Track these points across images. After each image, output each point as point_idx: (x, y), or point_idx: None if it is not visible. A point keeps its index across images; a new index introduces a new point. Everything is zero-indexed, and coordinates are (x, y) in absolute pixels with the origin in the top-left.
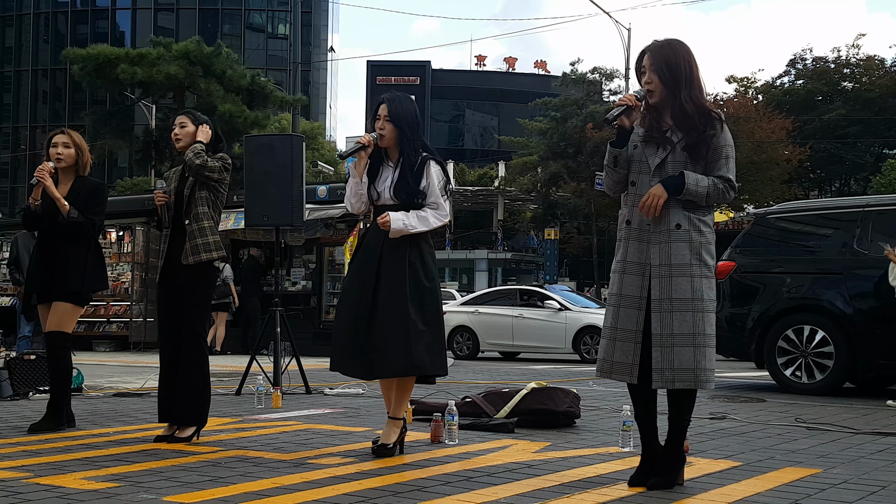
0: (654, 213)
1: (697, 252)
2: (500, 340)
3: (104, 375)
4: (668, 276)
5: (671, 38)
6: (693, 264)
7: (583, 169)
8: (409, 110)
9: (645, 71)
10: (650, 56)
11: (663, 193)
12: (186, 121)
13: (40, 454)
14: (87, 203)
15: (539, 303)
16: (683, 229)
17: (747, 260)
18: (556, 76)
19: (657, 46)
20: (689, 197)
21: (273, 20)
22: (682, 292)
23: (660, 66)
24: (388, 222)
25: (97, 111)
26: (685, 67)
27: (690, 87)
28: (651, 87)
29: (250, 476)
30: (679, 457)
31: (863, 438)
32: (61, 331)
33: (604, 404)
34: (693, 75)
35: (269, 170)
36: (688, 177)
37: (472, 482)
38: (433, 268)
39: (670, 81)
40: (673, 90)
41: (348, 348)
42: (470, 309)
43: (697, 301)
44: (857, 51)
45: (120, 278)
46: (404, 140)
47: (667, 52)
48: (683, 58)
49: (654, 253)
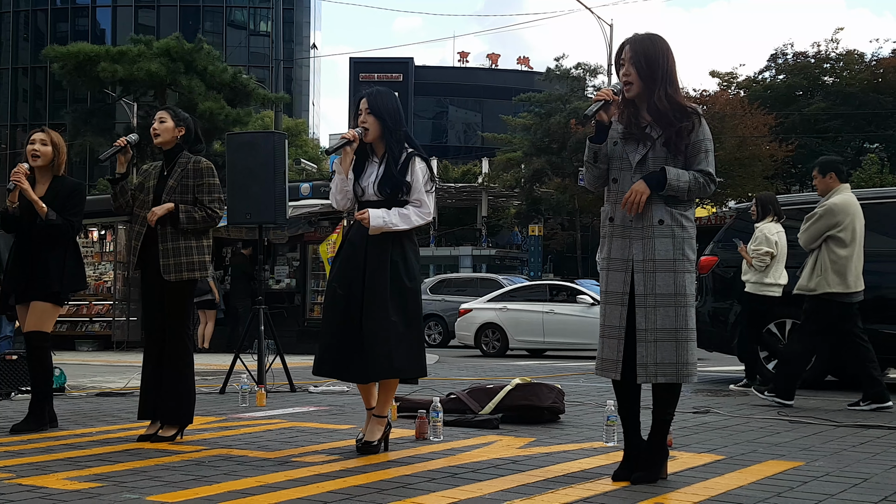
0: (637, 210)
1: (681, 247)
2: (530, 337)
3: (87, 375)
4: (651, 271)
5: (652, 32)
6: (676, 259)
7: (566, 165)
8: (390, 102)
9: (624, 63)
10: (630, 48)
11: (645, 189)
12: (166, 116)
13: (23, 454)
14: (65, 204)
15: (570, 298)
16: (666, 225)
17: (729, 255)
18: (539, 72)
19: (638, 39)
20: (670, 192)
21: (255, 17)
22: (665, 287)
23: (638, 60)
24: (366, 218)
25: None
26: (663, 63)
27: (666, 83)
28: (629, 79)
29: (234, 475)
30: (662, 451)
31: (845, 431)
32: (40, 330)
33: (588, 399)
34: (670, 71)
35: (251, 167)
36: (669, 172)
37: (457, 478)
38: (415, 267)
39: (648, 76)
40: (649, 85)
41: (334, 349)
42: (498, 305)
43: (680, 296)
44: (836, 45)
45: (102, 277)
46: (388, 133)
47: (647, 45)
48: (662, 53)
49: (637, 249)
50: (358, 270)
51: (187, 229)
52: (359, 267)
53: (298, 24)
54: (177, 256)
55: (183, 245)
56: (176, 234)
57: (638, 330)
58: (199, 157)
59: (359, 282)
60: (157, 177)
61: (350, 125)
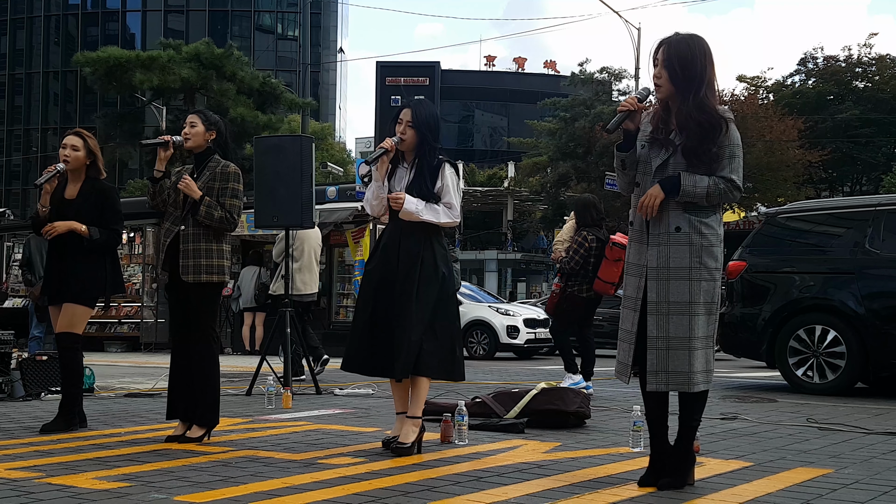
0: (652, 214)
1: (698, 255)
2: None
3: (115, 376)
4: (665, 279)
5: (691, 33)
6: (693, 267)
7: (592, 169)
8: (431, 119)
9: (658, 64)
10: (665, 50)
11: (660, 193)
12: (197, 120)
13: (52, 454)
14: (103, 214)
15: None
16: (683, 232)
17: (758, 260)
18: (565, 76)
19: (674, 41)
20: (686, 198)
21: (283, 21)
22: (679, 295)
23: (671, 63)
24: (401, 201)
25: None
26: (699, 67)
27: (702, 88)
28: (659, 81)
29: (261, 476)
30: (690, 457)
31: (875, 438)
32: (72, 332)
33: (614, 404)
34: (707, 76)
35: (279, 171)
36: (684, 178)
37: (483, 482)
38: (448, 269)
39: (681, 80)
40: (682, 90)
41: (364, 346)
42: None
43: (695, 304)
44: (868, 50)
45: (131, 279)
46: (424, 145)
47: (682, 47)
48: (699, 56)
49: (653, 255)
50: (391, 271)
51: (203, 226)
52: (392, 268)
53: (326, 29)
54: (196, 258)
55: (204, 247)
56: (198, 236)
57: (649, 338)
58: (227, 162)
59: (391, 282)
60: None
61: (378, 127)
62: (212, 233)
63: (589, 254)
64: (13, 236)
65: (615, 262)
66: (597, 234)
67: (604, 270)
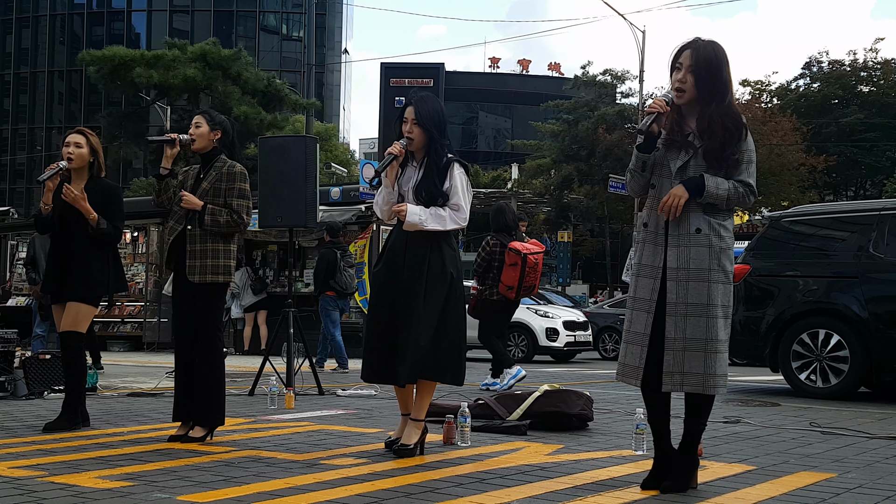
0: (675, 214)
1: (717, 257)
2: None
3: (118, 375)
4: (685, 280)
5: (712, 40)
6: (712, 269)
7: (595, 171)
8: (436, 113)
9: (680, 68)
10: (692, 54)
11: (684, 193)
12: (202, 121)
13: (55, 453)
14: (106, 209)
15: None
16: (703, 234)
17: (762, 263)
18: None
19: (701, 46)
20: (709, 199)
21: (287, 22)
22: (698, 297)
23: (699, 69)
24: (403, 212)
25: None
26: (725, 73)
27: (727, 93)
28: (683, 86)
29: (263, 476)
30: (693, 460)
31: (878, 443)
32: (75, 331)
33: (617, 407)
34: (729, 82)
35: (283, 171)
36: (708, 179)
37: (485, 484)
38: (455, 271)
39: (707, 86)
40: (706, 94)
41: (375, 354)
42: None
43: (713, 307)
44: (874, 54)
45: (134, 279)
46: (432, 142)
47: (709, 54)
48: (724, 62)
49: (672, 256)
50: (398, 276)
51: (211, 231)
52: (399, 272)
53: (330, 30)
54: (203, 259)
55: (210, 248)
56: (204, 237)
57: (667, 339)
58: (233, 162)
59: (398, 286)
60: (193, 178)
61: (382, 128)
62: (219, 233)
63: (491, 258)
64: (17, 235)
65: (511, 266)
66: (501, 239)
67: (504, 274)
